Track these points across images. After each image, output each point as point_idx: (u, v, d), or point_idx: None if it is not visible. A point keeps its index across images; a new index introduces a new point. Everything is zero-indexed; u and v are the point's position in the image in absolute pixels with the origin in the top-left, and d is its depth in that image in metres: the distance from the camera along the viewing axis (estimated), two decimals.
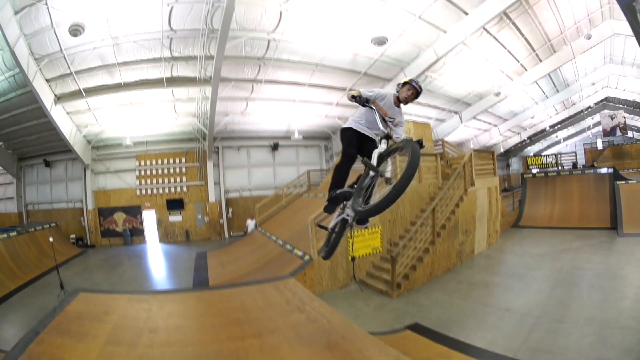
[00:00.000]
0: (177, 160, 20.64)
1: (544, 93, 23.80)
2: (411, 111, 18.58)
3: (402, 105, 3.83)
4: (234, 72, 15.13)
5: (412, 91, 3.73)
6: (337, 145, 20.99)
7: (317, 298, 5.97)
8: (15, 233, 15.33)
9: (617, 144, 25.16)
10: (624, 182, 14.73)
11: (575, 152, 26.81)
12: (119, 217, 20.18)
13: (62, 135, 16.99)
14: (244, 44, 13.46)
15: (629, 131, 28.39)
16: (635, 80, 23.07)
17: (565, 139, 35.11)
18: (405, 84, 3.76)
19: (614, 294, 7.86)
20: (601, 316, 6.82)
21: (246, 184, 21.37)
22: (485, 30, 14.49)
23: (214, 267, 12.44)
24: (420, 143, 3.14)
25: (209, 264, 13.07)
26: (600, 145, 29.43)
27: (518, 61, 17.31)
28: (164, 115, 18.14)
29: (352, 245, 9.17)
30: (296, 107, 18.19)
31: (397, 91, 3.80)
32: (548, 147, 36.37)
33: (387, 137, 3.54)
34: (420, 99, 18.40)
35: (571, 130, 33.95)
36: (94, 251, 18.65)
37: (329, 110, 18.86)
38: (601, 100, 28.83)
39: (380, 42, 13.78)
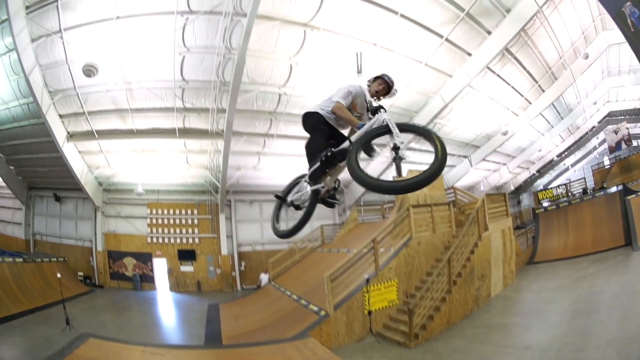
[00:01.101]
0: (189, 212, 20.74)
1: (549, 123, 23.93)
2: (422, 160, 18.75)
3: (372, 100, 3.81)
4: (245, 126, 15.40)
5: (383, 85, 3.78)
6: (349, 199, 21.22)
7: (338, 358, 6.04)
8: (21, 260, 15.56)
9: (624, 157, 24.94)
10: (634, 195, 14.59)
11: (584, 177, 26.81)
12: (129, 262, 20.12)
13: (73, 173, 17.19)
14: (255, 97, 13.77)
15: (633, 141, 28.31)
16: (633, 87, 23.33)
17: (573, 164, 35.13)
18: (377, 78, 3.82)
19: (634, 310, 7.92)
20: (623, 335, 6.87)
21: (259, 238, 21.37)
22: (489, 69, 14.79)
23: (227, 320, 12.40)
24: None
25: (221, 316, 13.03)
26: (607, 163, 29.24)
27: (522, 95, 17.54)
28: (176, 166, 18.36)
29: (369, 299, 9.29)
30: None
31: (368, 86, 3.83)
32: (557, 176, 36.41)
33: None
34: (429, 146, 19.23)
35: (578, 154, 33.95)
36: (102, 292, 18.56)
37: None
38: (604, 117, 28.99)
39: (390, 93, 14.03)
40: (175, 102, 14.08)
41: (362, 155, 3.40)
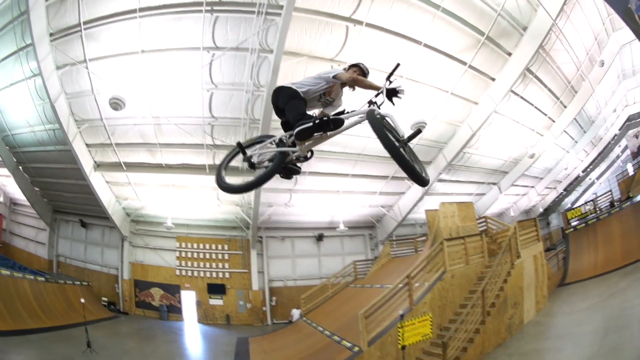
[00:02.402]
0: (220, 247, 20.77)
1: (573, 139, 23.69)
2: (452, 190, 19.04)
3: (347, 88, 3.93)
4: None
5: (358, 71, 3.91)
6: (381, 234, 21.18)
7: None
8: (43, 279, 15.67)
9: None
10: None
11: (611, 190, 26.36)
12: (156, 292, 20.16)
13: (101, 203, 17.41)
14: None
15: None
16: None
17: (598, 177, 34.61)
18: (353, 65, 3.93)
19: None
20: None
21: (290, 274, 21.43)
22: (513, 92, 14.79)
23: (257, 354, 12.48)
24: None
25: (251, 350, 13.10)
26: (631, 170, 28.32)
27: (545, 115, 17.39)
28: (207, 202, 18.49)
29: (403, 334, 9.31)
30: (340, 198, 18.49)
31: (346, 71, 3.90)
32: (583, 192, 35.80)
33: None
34: (459, 176, 18.37)
35: (602, 166, 33.52)
36: (127, 318, 18.59)
37: (372, 200, 19.19)
38: (624, 123, 28.48)
39: (420, 126, 14.07)
40: (205, 138, 14.24)
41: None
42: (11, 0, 12.04)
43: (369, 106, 3.66)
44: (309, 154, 3.81)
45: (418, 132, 3.49)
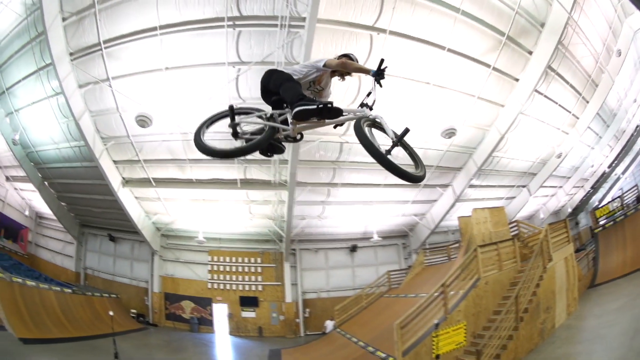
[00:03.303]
0: (253, 260, 20.74)
1: (597, 134, 23.20)
2: (483, 195, 18.89)
3: (336, 77, 3.94)
4: (309, 176, 15.53)
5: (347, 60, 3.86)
6: (414, 243, 21.04)
7: None
8: (70, 291, 15.87)
9: None
10: None
11: (637, 185, 25.69)
12: (187, 305, 20.19)
13: (129, 217, 17.54)
14: (317, 147, 13.89)
15: None
16: None
17: (624, 172, 33.89)
18: (343, 55, 3.91)
19: None
20: None
21: (324, 286, 21.24)
22: (537, 91, 14.53)
23: None
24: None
25: None
26: None
27: (569, 112, 17.07)
28: (239, 215, 18.53)
29: (438, 343, 9.17)
30: (373, 208, 18.39)
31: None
32: (610, 188, 34.79)
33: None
34: (489, 181, 18.14)
35: (627, 160, 32.81)
36: (156, 330, 18.65)
37: (405, 209, 19.06)
38: None
39: (450, 134, 14.11)
40: None
41: None
42: (27, 21, 12.29)
43: (361, 108, 3.76)
44: (298, 136, 3.81)
45: (406, 131, 3.47)
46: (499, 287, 11.77)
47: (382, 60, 3.61)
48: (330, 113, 3.40)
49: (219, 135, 4.43)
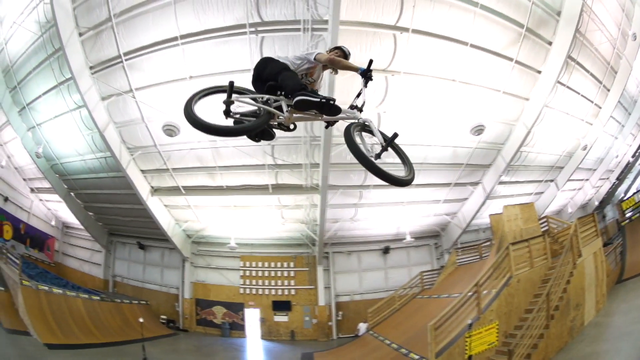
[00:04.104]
0: (285, 265, 20.65)
1: (619, 123, 22.67)
2: (513, 192, 18.63)
3: (328, 70, 3.98)
4: (340, 179, 15.34)
5: (339, 53, 3.95)
6: (446, 242, 20.75)
7: None
8: (98, 298, 15.92)
9: None
10: None
11: None
12: (219, 310, 20.21)
13: (159, 226, 17.62)
14: (347, 150, 13.63)
15: None
16: None
17: None
18: (335, 48, 3.99)
19: None
20: None
21: (357, 288, 20.99)
22: (560, 82, 14.19)
23: None
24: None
25: None
26: None
27: (592, 102, 16.70)
28: (271, 220, 18.43)
29: (470, 343, 8.95)
30: (405, 209, 18.17)
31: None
32: (634, 179, 34.09)
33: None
34: (518, 177, 17.89)
35: None
36: (187, 336, 18.67)
37: (436, 208, 18.79)
38: None
39: (479, 130, 13.90)
40: (265, 159, 14.24)
41: None
42: (43, 39, 12.42)
43: (351, 110, 3.80)
44: (291, 126, 3.77)
45: (395, 135, 3.61)
46: (530, 285, 11.48)
47: (371, 61, 3.64)
48: (331, 110, 3.46)
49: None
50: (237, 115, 3.55)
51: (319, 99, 3.41)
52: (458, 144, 14.84)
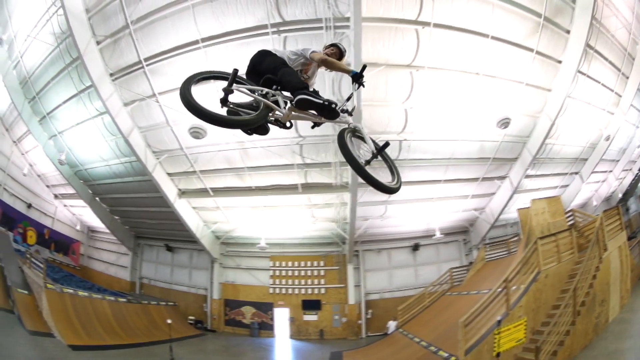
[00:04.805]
0: (315, 264, 20.46)
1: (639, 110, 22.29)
2: (539, 185, 18.31)
3: (323, 68, 3.87)
4: None
5: (335, 50, 3.93)
6: (475, 238, 20.33)
7: None
8: (125, 300, 16.00)
9: None
10: None
11: None
12: (248, 310, 20.12)
13: (188, 228, 17.60)
14: None
15: None
16: None
17: None
18: (331, 45, 3.94)
19: None
20: None
21: (387, 286, 20.71)
22: (580, 72, 13.80)
23: None
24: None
25: None
26: None
27: (612, 90, 16.27)
28: (301, 220, 18.29)
29: (499, 340, 8.69)
30: (434, 205, 17.90)
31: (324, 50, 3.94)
32: None
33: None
34: (544, 170, 17.08)
35: None
36: (215, 336, 18.57)
37: (465, 204, 18.44)
38: None
39: (505, 123, 13.61)
40: (294, 158, 14.08)
41: None
42: (60, 49, 12.47)
43: (342, 113, 3.64)
44: (288, 124, 3.61)
45: (387, 144, 3.60)
46: (557, 280, 11.15)
47: (364, 66, 3.53)
48: (331, 113, 3.39)
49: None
50: (232, 105, 3.34)
51: (321, 101, 3.31)
52: (484, 138, 14.56)
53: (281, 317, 19.84)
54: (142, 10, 10.51)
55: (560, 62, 13.12)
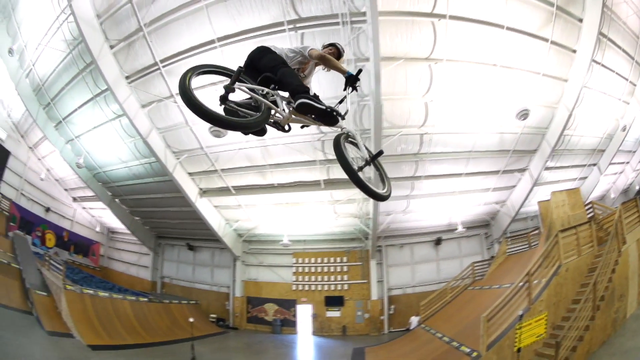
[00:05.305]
0: (338, 260, 20.26)
1: None
2: (558, 178, 17.98)
3: (320, 67, 3.76)
4: (392, 171, 14.75)
5: (333, 50, 3.84)
6: (496, 232, 19.93)
7: None
8: (146, 299, 15.88)
9: None
10: None
11: None
12: (270, 307, 19.98)
13: (209, 227, 17.56)
14: (397, 141, 13.34)
15: None
16: None
17: None
18: (330, 44, 3.86)
19: None
20: None
21: (410, 281, 20.36)
22: (595, 61, 13.46)
23: None
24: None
25: None
26: None
27: (626, 79, 15.87)
28: (323, 216, 18.09)
29: (520, 335, 8.44)
30: (456, 199, 17.58)
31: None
32: None
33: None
34: (562, 161, 16.80)
35: None
36: (236, 333, 18.47)
37: (486, 197, 18.07)
38: None
39: (524, 115, 13.27)
40: (316, 154, 13.93)
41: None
42: (72, 55, 12.44)
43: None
44: (286, 127, 3.48)
45: (380, 152, 3.53)
46: (578, 274, 10.81)
47: (359, 70, 3.46)
48: (331, 120, 3.32)
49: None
50: (230, 104, 3.10)
51: (324, 107, 3.23)
52: (504, 129, 14.29)
53: (304, 314, 19.67)
54: (155, 13, 10.38)
55: (574, 51, 12.80)
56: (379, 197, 3.44)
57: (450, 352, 10.29)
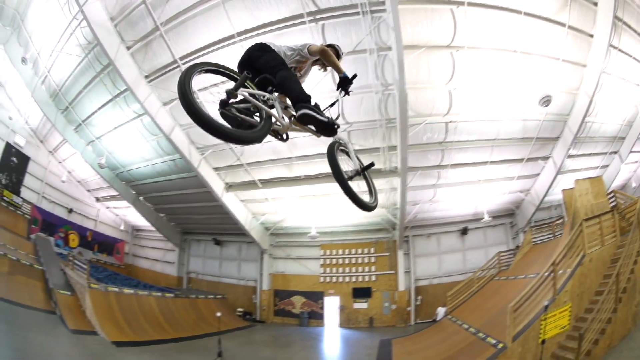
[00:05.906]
0: (366, 251, 20.06)
1: None
2: (580, 166, 17.58)
3: (317, 67, 3.72)
4: (418, 161, 14.68)
5: (332, 50, 3.63)
6: (521, 221, 19.44)
7: None
8: (172, 295, 15.81)
9: None
10: None
11: None
12: (298, 300, 19.86)
13: (236, 221, 17.53)
14: (423, 130, 13.13)
15: None
16: None
17: None
18: (328, 45, 3.68)
19: None
20: None
21: (436, 271, 20.01)
22: (613, 46, 12.99)
23: (400, 356, 11.63)
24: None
25: (394, 352, 12.22)
26: None
27: None
28: (350, 207, 17.65)
29: (545, 326, 8.13)
30: (481, 188, 17.26)
31: None
32: None
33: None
34: (584, 149, 16.20)
35: None
36: (263, 327, 18.32)
37: (510, 185, 17.71)
38: None
39: (547, 101, 12.88)
40: None
41: None
42: (88, 59, 12.37)
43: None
44: (284, 135, 3.31)
45: (372, 164, 3.66)
46: (601, 264, 10.35)
47: (354, 75, 3.44)
48: (330, 132, 3.24)
49: None
50: (228, 109, 2.78)
51: (326, 120, 3.11)
52: (527, 117, 13.92)
53: (331, 306, 19.52)
54: (170, 12, 10.19)
55: (591, 36, 12.34)
56: (366, 208, 3.46)
57: (476, 343, 9.99)
